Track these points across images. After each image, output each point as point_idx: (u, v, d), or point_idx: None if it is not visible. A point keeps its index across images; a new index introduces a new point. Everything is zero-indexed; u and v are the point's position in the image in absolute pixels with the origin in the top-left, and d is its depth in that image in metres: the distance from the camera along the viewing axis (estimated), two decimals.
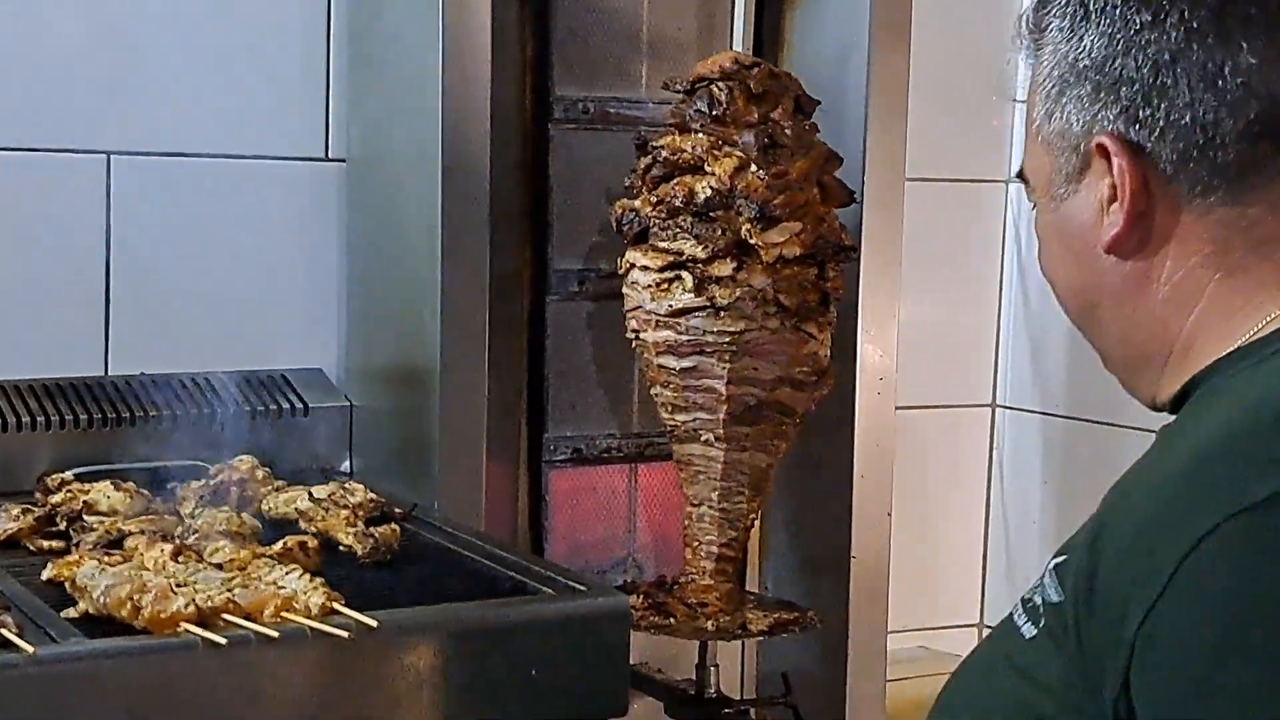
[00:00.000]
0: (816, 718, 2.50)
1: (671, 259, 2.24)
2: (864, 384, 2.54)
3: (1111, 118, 1.34)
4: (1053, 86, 1.38)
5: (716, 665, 2.39)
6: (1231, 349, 1.33)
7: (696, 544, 2.34)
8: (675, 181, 2.26)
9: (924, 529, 3.05)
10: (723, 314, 2.24)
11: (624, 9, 2.50)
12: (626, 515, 2.56)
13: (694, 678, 2.41)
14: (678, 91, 2.31)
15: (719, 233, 2.23)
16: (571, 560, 2.45)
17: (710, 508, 2.32)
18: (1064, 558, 1.27)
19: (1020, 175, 1.47)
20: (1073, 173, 1.38)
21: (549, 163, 2.46)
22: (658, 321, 2.26)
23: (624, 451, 2.54)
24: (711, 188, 2.23)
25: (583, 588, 1.81)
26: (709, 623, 2.28)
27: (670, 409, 2.31)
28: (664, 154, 2.27)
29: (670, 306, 2.25)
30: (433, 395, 2.29)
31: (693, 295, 2.24)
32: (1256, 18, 1.31)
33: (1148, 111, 1.32)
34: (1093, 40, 1.35)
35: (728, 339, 2.25)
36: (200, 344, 2.43)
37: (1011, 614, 1.31)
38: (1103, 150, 1.34)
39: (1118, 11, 1.34)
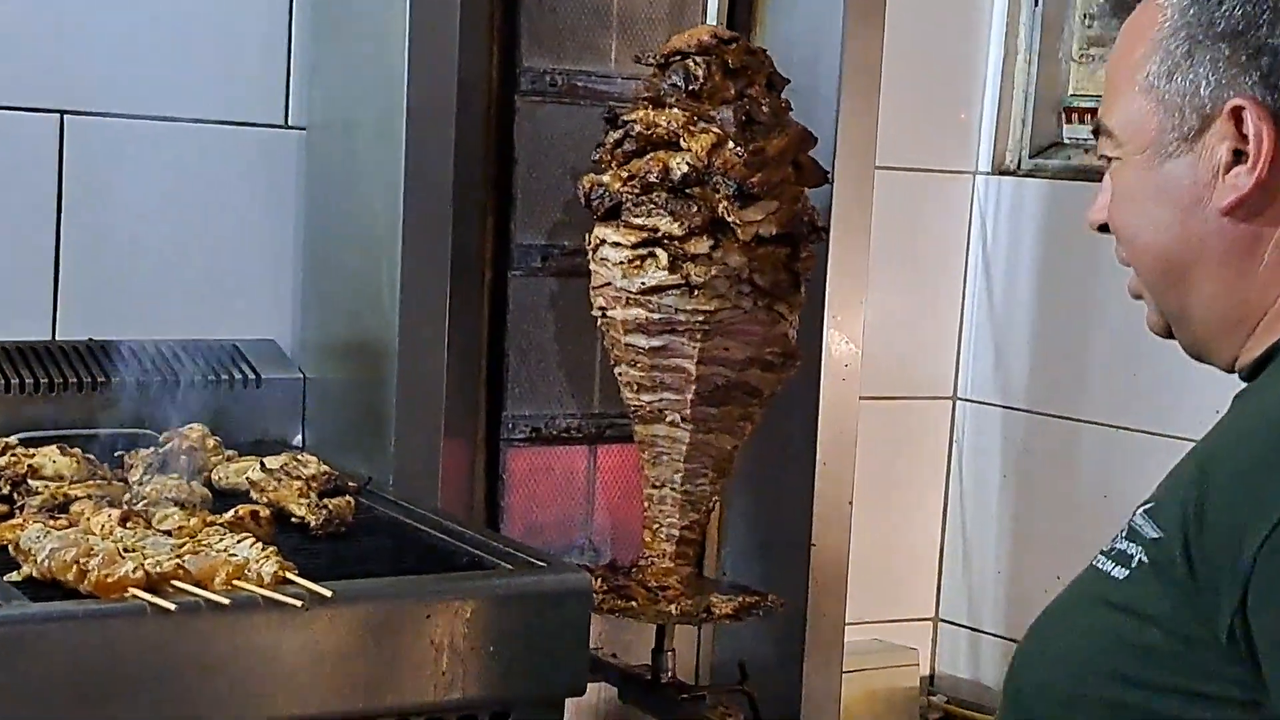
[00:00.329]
0: (772, 706, 2.46)
1: (645, 235, 2.20)
2: (829, 370, 2.51)
3: (1251, 83, 1.36)
4: (1179, 45, 1.39)
5: (673, 651, 2.35)
6: None
7: (657, 526, 2.30)
8: (649, 157, 2.21)
9: (882, 521, 3.02)
10: (696, 292, 2.20)
11: None
12: (585, 497, 2.52)
13: (650, 663, 2.36)
14: (650, 65, 2.26)
15: (694, 210, 2.19)
16: (527, 541, 2.40)
17: (673, 489, 2.28)
18: (1152, 504, 1.34)
19: (1101, 129, 1.47)
20: (1189, 132, 1.39)
21: (514, 136, 2.41)
22: (628, 299, 2.22)
23: (584, 432, 2.50)
24: (688, 164, 2.19)
25: (542, 564, 1.77)
26: (672, 606, 2.24)
27: (635, 388, 2.26)
28: (637, 128, 2.22)
29: (643, 284, 2.20)
30: (390, 370, 2.24)
31: (666, 273, 2.19)
32: None
33: None
34: (1233, 5, 1.37)
35: (701, 318, 2.20)
36: (151, 311, 2.37)
37: (1092, 566, 1.38)
38: (1236, 113, 1.36)
39: None
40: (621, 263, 2.21)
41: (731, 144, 2.20)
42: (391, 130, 2.23)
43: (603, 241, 2.24)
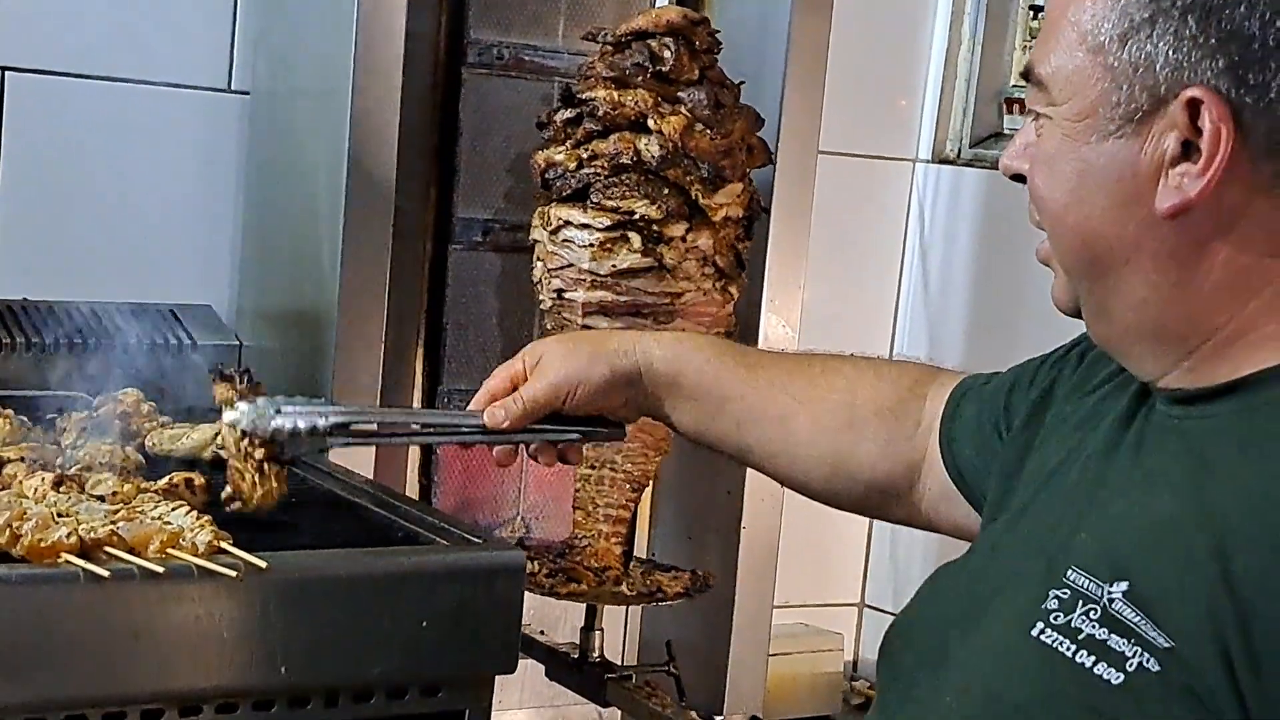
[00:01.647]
0: (697, 687, 2.47)
1: (620, 218, 2.19)
2: None
3: (1215, 71, 1.18)
4: (1140, 9, 1.20)
5: (601, 630, 2.36)
6: None
7: (593, 506, 2.30)
8: (617, 138, 2.20)
9: (811, 505, 3.02)
10: (667, 275, 2.20)
11: None
12: (517, 473, 2.51)
13: (578, 642, 2.37)
14: (607, 45, 2.24)
15: (666, 192, 2.19)
16: (459, 516, 2.40)
17: (612, 469, 2.28)
18: (1126, 584, 1.17)
19: (1032, 76, 1.29)
20: (1135, 112, 1.21)
21: (460, 108, 2.40)
22: (594, 281, 2.20)
23: None
24: (661, 146, 2.18)
25: (477, 540, 1.76)
26: (623, 586, 2.26)
27: None
28: (603, 108, 2.20)
29: (614, 266, 2.19)
30: (328, 339, 2.23)
31: (639, 256, 2.19)
32: None
33: (1261, 78, 1.17)
34: None
35: (667, 300, 2.21)
36: (88, 272, 2.36)
37: (1044, 646, 1.19)
38: (1193, 104, 1.18)
39: None
40: (591, 245, 2.19)
41: (701, 126, 2.20)
42: (336, 99, 2.22)
43: (566, 223, 2.21)
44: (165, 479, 1.78)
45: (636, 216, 2.18)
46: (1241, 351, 1.23)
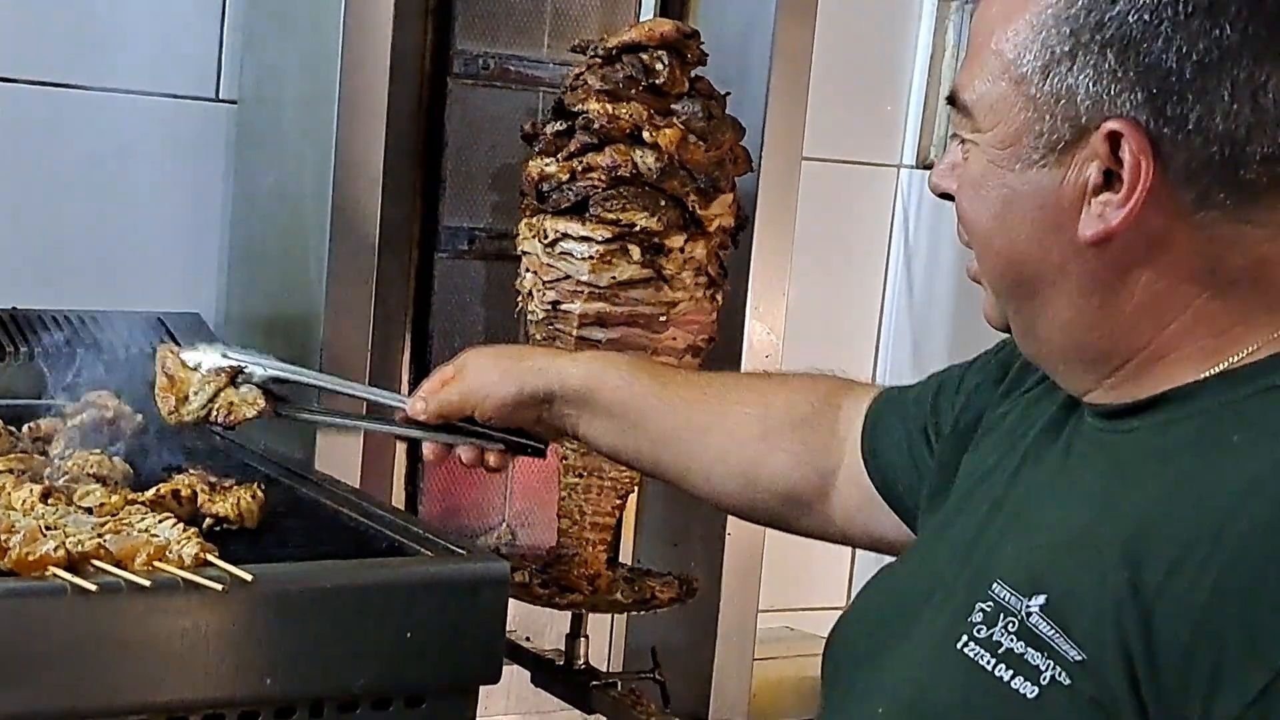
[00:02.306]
0: (683, 693, 2.49)
1: (620, 230, 2.21)
2: (750, 361, 2.52)
3: (1134, 103, 1.20)
4: (1060, 43, 1.22)
5: (586, 636, 2.37)
6: (1216, 371, 1.25)
7: (580, 514, 2.32)
8: (613, 150, 2.20)
9: None
10: (664, 286, 2.22)
11: None
12: (502, 480, 2.53)
13: (563, 648, 2.39)
14: (598, 57, 2.25)
15: (663, 204, 2.21)
16: (445, 524, 2.42)
17: (599, 477, 2.30)
18: (1045, 598, 1.19)
19: (957, 101, 1.31)
20: (1058, 142, 1.24)
21: (445, 118, 2.41)
22: (592, 293, 2.22)
23: None
24: (658, 159, 2.20)
25: (461, 551, 1.77)
26: (619, 594, 2.28)
27: None
28: (599, 121, 2.21)
29: (613, 279, 2.21)
30: (314, 346, 2.24)
31: (638, 267, 2.21)
32: None
33: (1179, 110, 1.19)
34: (1129, 9, 1.19)
35: (663, 309, 2.23)
36: (76, 281, 2.37)
37: (964, 656, 1.23)
38: (1113, 136, 1.21)
39: None
40: (591, 257, 2.21)
41: (694, 139, 2.22)
42: (323, 108, 2.23)
43: (565, 235, 2.22)
44: (152, 490, 1.80)
45: (637, 229, 2.20)
46: (1162, 370, 1.27)
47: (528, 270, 2.27)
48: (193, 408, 1.90)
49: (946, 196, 1.35)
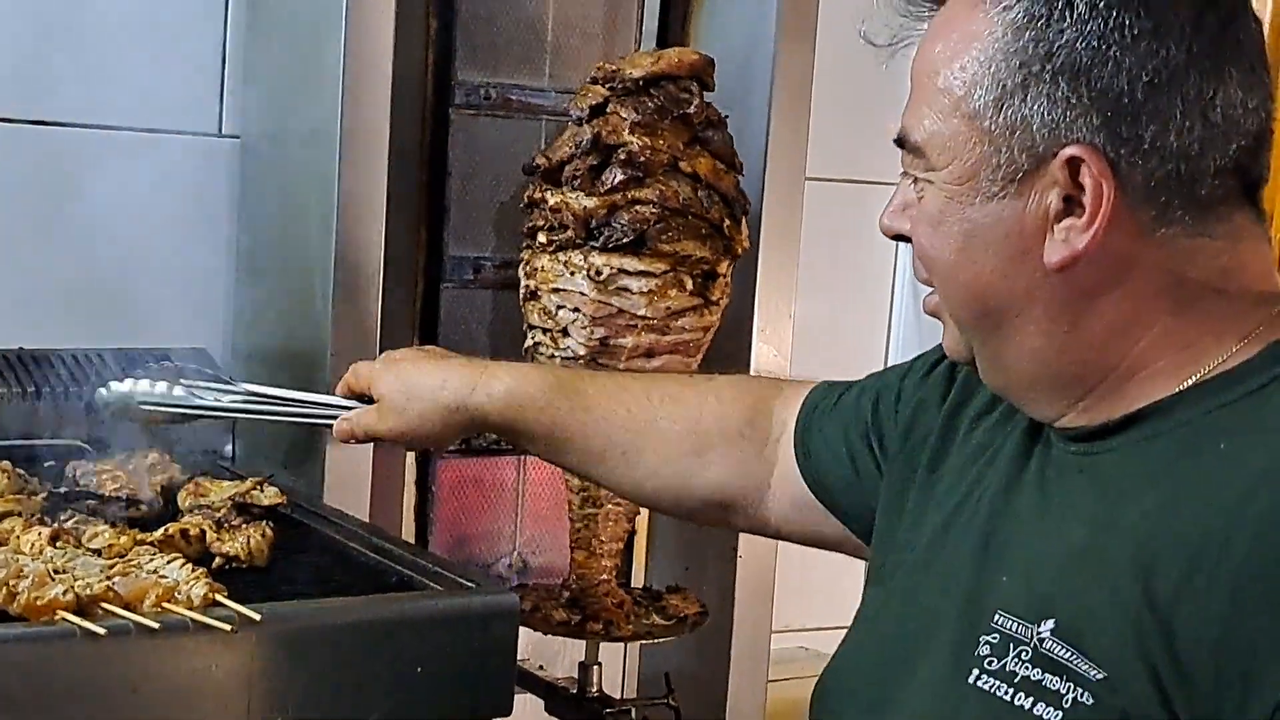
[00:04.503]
0: (697, 717, 2.49)
1: (673, 262, 2.22)
2: None
3: (1089, 128, 1.22)
4: (1011, 75, 1.24)
5: (599, 664, 2.37)
6: (1190, 383, 1.26)
7: (596, 542, 2.33)
8: (655, 182, 2.21)
9: None
10: (706, 311, 2.26)
11: None
12: (513, 508, 2.53)
13: (576, 676, 2.39)
14: (621, 88, 2.24)
15: (705, 232, 2.23)
16: (456, 553, 2.43)
17: (615, 504, 2.30)
18: (1053, 621, 1.21)
19: (906, 143, 1.32)
20: (1017, 173, 1.25)
21: (449, 148, 2.42)
22: (645, 326, 2.23)
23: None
24: (696, 189, 2.22)
25: (471, 584, 1.78)
26: (654, 618, 2.31)
27: None
28: (645, 155, 2.21)
29: (668, 309, 2.23)
30: (321, 379, 2.24)
31: (688, 296, 2.23)
32: (1245, 46, 1.25)
33: (1134, 131, 1.21)
34: (1076, 36, 1.21)
35: (702, 334, 2.27)
36: (83, 319, 2.36)
37: (995, 696, 1.23)
38: (1072, 162, 1.22)
39: (1113, 14, 1.21)
40: (649, 291, 2.22)
41: (723, 166, 2.26)
42: (326, 140, 2.24)
43: (620, 271, 2.22)
44: (161, 530, 1.80)
45: (693, 257, 2.22)
46: (1135, 388, 1.28)
47: (566, 308, 2.25)
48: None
49: (900, 237, 1.37)
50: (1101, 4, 1.22)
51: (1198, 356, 1.27)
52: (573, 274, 2.23)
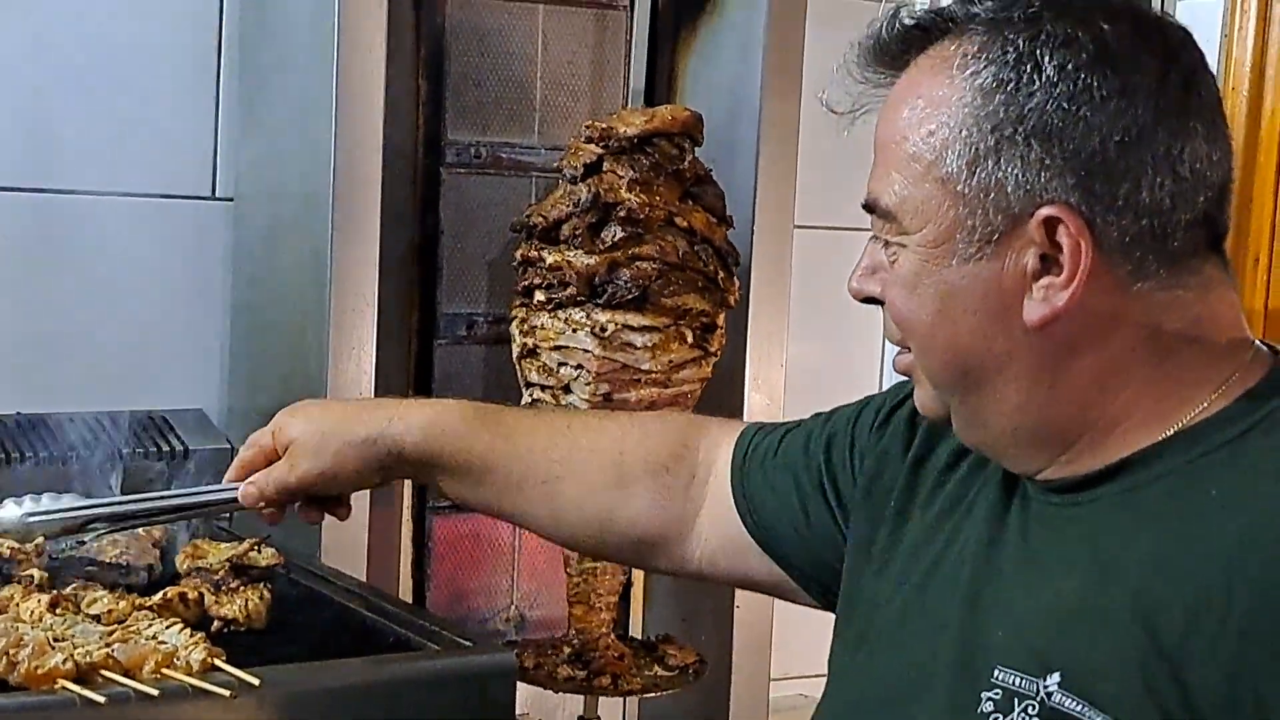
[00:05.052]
0: None
1: (674, 316, 2.25)
2: None
3: (1065, 188, 1.23)
4: (983, 139, 1.25)
5: (598, 718, 2.38)
6: (1172, 432, 1.27)
7: (595, 597, 2.34)
8: (654, 238, 2.24)
9: None
10: (704, 362, 2.29)
11: (517, 54, 2.49)
12: (509, 563, 2.55)
13: None
14: (616, 146, 2.27)
15: (701, 285, 2.26)
16: (453, 609, 2.44)
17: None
18: (1059, 674, 1.21)
19: (876, 208, 1.32)
20: (993, 234, 1.25)
21: (440, 207, 2.45)
22: (649, 379, 2.25)
23: None
24: (691, 242, 2.25)
25: (468, 643, 1.79)
26: (657, 669, 2.33)
27: None
28: (644, 211, 2.24)
29: (671, 362, 2.25)
30: None
31: (688, 348, 2.26)
32: (1207, 100, 1.27)
33: (1108, 189, 1.23)
34: (1047, 99, 1.23)
35: (700, 384, 2.30)
36: (79, 383, 2.39)
37: None
38: (1049, 222, 1.23)
39: (1081, 76, 1.23)
40: (651, 346, 2.24)
41: (715, 220, 2.28)
42: (319, 201, 2.26)
43: (625, 327, 2.24)
44: (160, 594, 1.81)
45: (694, 310, 2.25)
46: (1117, 439, 1.29)
47: (567, 365, 2.27)
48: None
49: (870, 300, 1.35)
50: (1070, 66, 1.23)
51: (1178, 406, 1.28)
52: (575, 331, 2.25)
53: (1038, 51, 1.24)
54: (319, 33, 2.25)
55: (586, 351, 2.25)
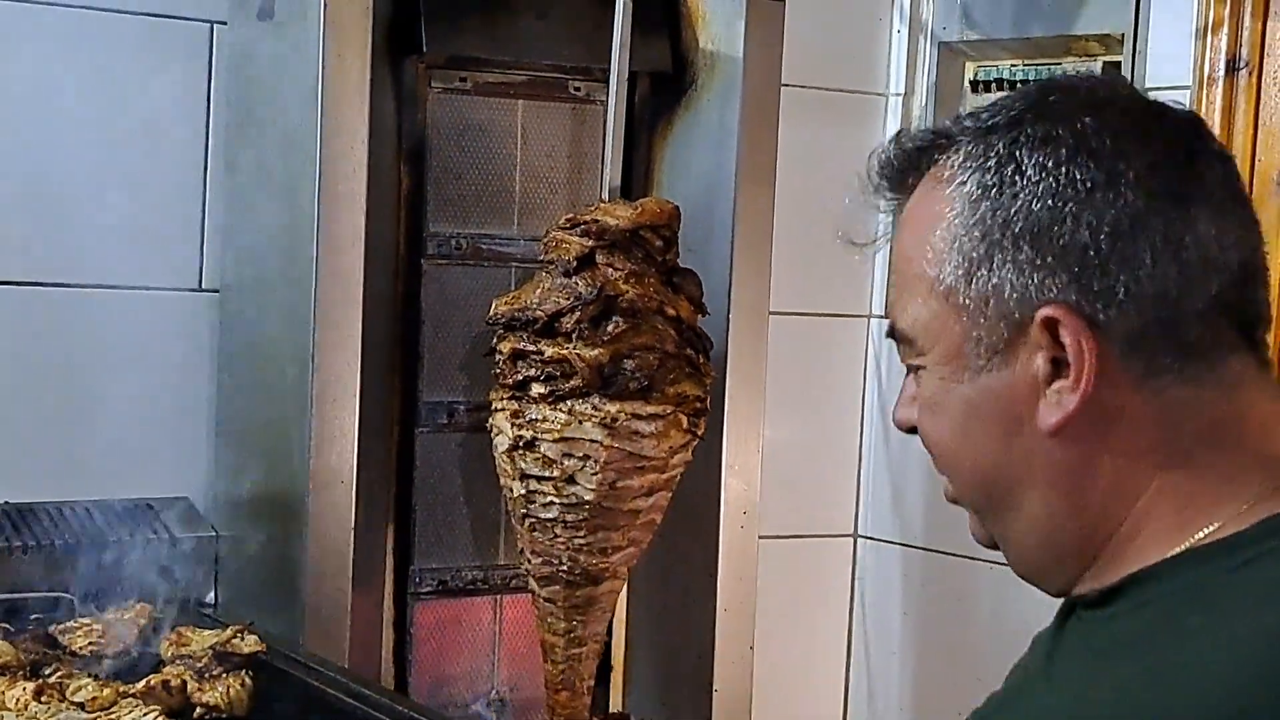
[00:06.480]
0: None
1: (675, 403, 2.30)
2: (727, 517, 2.56)
3: (1060, 287, 1.20)
4: (975, 247, 1.23)
5: None
6: (1181, 549, 1.22)
7: (579, 682, 2.37)
8: (645, 329, 2.29)
9: (786, 656, 3.08)
10: (692, 446, 2.34)
11: (497, 148, 2.54)
12: (490, 648, 2.57)
13: None
14: (604, 240, 2.30)
15: (690, 371, 2.32)
16: (435, 694, 2.46)
17: (596, 642, 2.36)
18: None
19: (896, 334, 1.30)
20: (999, 343, 1.23)
21: (421, 298, 2.49)
22: (650, 465, 2.30)
23: (489, 583, 2.56)
24: (679, 330, 2.31)
25: None
26: None
27: (598, 551, 2.33)
28: (642, 303, 2.29)
29: (670, 447, 2.30)
30: (301, 526, 2.30)
31: (684, 432, 2.31)
32: (1209, 182, 1.23)
33: (1105, 282, 1.19)
34: (1031, 198, 1.21)
35: (686, 466, 2.35)
36: (66, 472, 2.43)
37: None
38: (1049, 323, 1.20)
39: (1063, 170, 1.21)
40: (654, 434, 2.29)
41: (693, 307, 2.36)
42: (302, 293, 2.31)
43: (634, 416, 2.28)
44: (143, 682, 1.85)
45: (691, 397, 2.31)
46: (1133, 552, 1.25)
47: (576, 456, 2.28)
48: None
49: (914, 429, 1.32)
50: (1050, 163, 1.21)
51: (1192, 519, 1.23)
52: (583, 423, 2.28)
53: (1018, 153, 1.22)
54: (303, 127, 2.31)
55: (594, 442, 2.27)
